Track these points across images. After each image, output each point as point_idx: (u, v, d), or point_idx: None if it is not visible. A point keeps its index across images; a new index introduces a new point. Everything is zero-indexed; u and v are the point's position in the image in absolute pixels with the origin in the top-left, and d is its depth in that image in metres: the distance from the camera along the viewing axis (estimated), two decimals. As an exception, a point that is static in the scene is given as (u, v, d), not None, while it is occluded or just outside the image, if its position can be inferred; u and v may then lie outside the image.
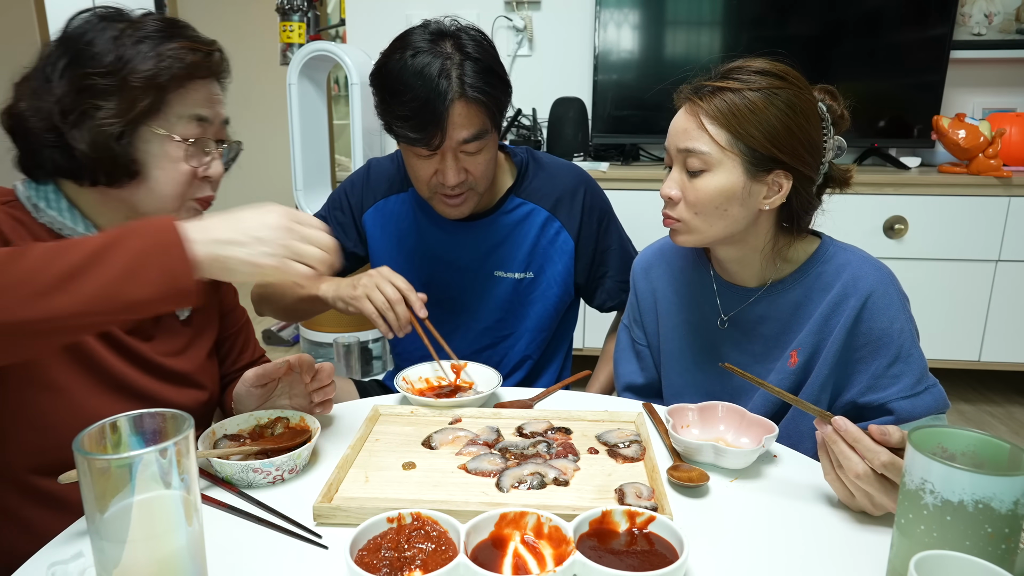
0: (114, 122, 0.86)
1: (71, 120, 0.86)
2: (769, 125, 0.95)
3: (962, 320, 2.60)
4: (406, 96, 1.12)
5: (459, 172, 1.18)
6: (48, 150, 0.88)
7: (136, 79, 0.86)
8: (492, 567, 0.62)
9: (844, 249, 1.04)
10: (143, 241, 0.69)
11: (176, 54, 0.89)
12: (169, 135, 0.91)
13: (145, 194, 0.92)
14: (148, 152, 0.90)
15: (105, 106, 0.86)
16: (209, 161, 0.96)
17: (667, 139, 1.03)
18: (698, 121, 0.97)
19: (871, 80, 2.78)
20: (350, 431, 0.98)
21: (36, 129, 0.87)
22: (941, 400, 0.97)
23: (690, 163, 0.98)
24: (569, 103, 2.79)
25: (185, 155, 0.92)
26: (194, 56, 0.91)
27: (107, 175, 0.89)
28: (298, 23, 3.05)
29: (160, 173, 0.91)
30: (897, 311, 0.98)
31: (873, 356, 0.98)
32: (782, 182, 0.98)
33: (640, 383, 1.22)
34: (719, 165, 0.97)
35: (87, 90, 0.86)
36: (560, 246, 1.35)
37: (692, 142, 0.97)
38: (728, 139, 0.95)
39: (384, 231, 1.38)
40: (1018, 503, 0.57)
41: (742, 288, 1.08)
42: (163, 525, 0.56)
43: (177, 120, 0.91)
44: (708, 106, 0.96)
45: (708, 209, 0.99)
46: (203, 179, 0.96)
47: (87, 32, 0.88)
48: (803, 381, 1.03)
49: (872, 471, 0.74)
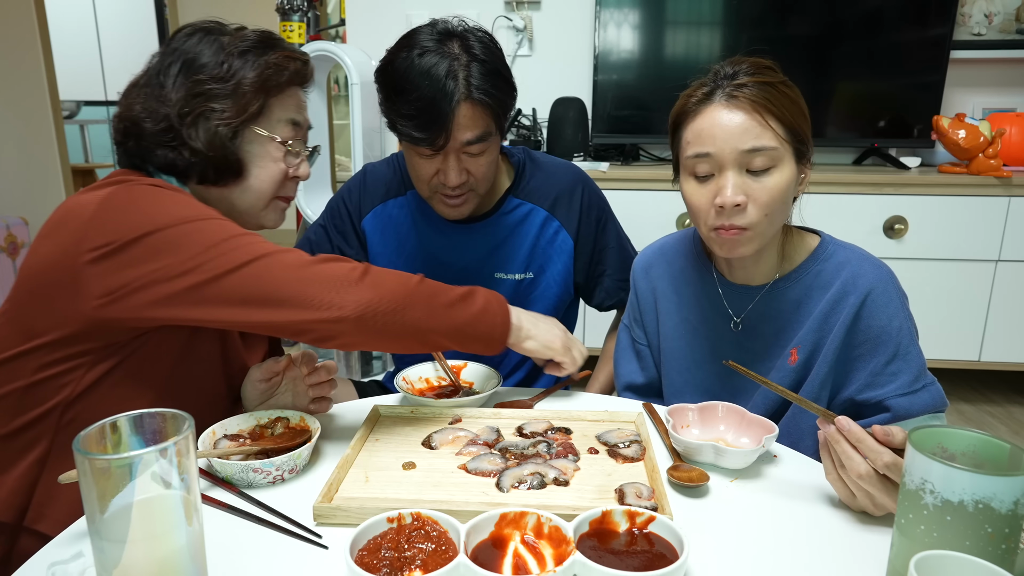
0: (228, 123, 0.96)
1: (188, 121, 0.95)
2: (803, 114, 0.97)
3: (962, 320, 2.60)
4: (412, 95, 1.11)
5: (461, 173, 1.18)
6: (163, 149, 0.95)
7: (247, 84, 0.96)
8: (492, 567, 0.62)
9: (843, 247, 1.05)
10: (491, 300, 1.00)
11: (279, 62, 0.99)
12: (271, 136, 1.01)
13: (243, 191, 1.01)
14: (251, 152, 1.00)
15: (219, 108, 0.95)
16: (299, 162, 1.06)
17: (706, 144, 0.95)
18: (756, 117, 0.93)
19: (871, 80, 2.78)
20: (350, 431, 0.98)
21: (153, 131, 0.95)
22: (939, 398, 0.97)
23: (755, 163, 0.93)
24: (569, 103, 2.79)
25: (283, 155, 1.03)
26: (294, 65, 1.02)
27: (216, 171, 0.98)
28: (298, 23, 3.04)
29: (260, 171, 1.01)
30: (896, 309, 0.98)
31: (872, 353, 0.98)
32: (807, 169, 0.99)
33: (640, 382, 1.22)
34: (783, 160, 0.95)
35: (203, 94, 0.95)
36: (559, 245, 1.35)
37: (757, 140, 0.93)
38: (784, 131, 0.94)
39: (384, 236, 1.38)
40: (1018, 503, 0.57)
41: (746, 287, 1.08)
42: (163, 525, 0.56)
43: (277, 123, 1.02)
44: (761, 99, 0.93)
45: (777, 207, 0.95)
46: (292, 179, 1.06)
47: (197, 43, 0.97)
48: (803, 379, 1.03)
49: (874, 471, 0.74)
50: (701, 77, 1.00)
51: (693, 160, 0.97)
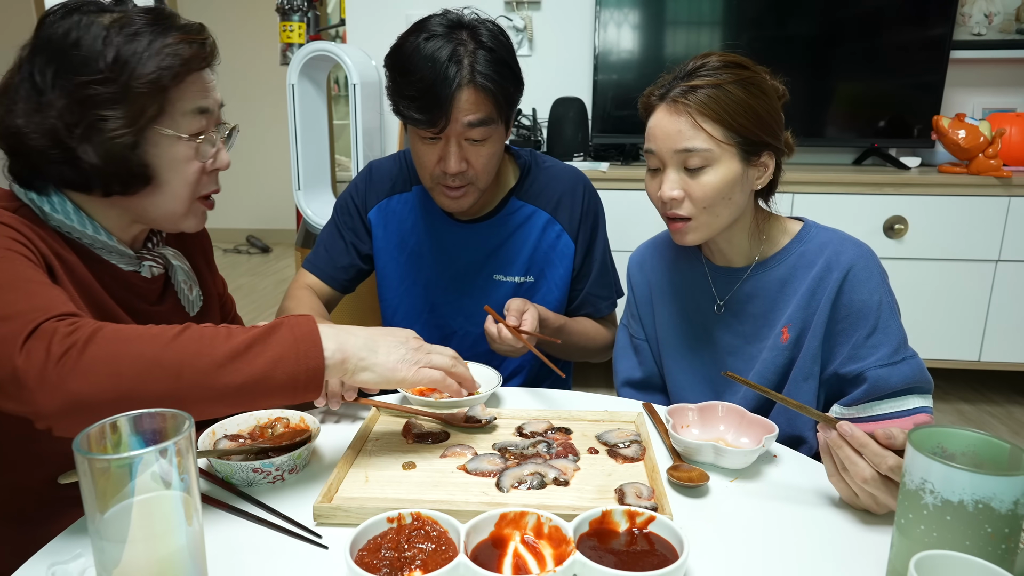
0: (125, 132, 0.82)
1: (78, 135, 0.82)
2: (753, 112, 0.99)
3: (962, 320, 2.60)
4: (415, 76, 1.12)
5: (461, 161, 1.18)
6: (55, 166, 0.84)
7: (141, 84, 0.82)
8: (492, 567, 0.62)
9: (826, 230, 1.09)
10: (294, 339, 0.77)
11: (174, 50, 0.84)
12: (178, 135, 0.88)
13: (156, 198, 0.90)
14: (159, 156, 0.88)
15: (111, 116, 0.81)
16: (216, 153, 0.94)
17: (651, 142, 1.03)
18: (691, 120, 0.99)
19: (871, 80, 2.78)
20: (350, 431, 0.98)
21: (40, 147, 0.82)
22: (918, 371, 0.99)
23: (690, 162, 1.00)
24: (569, 103, 2.79)
25: (195, 152, 0.90)
26: (191, 49, 0.86)
27: (122, 184, 0.87)
28: (298, 23, 3.05)
29: (172, 175, 0.89)
30: (876, 284, 1.02)
31: (853, 328, 1.01)
32: (768, 162, 1.03)
33: (638, 377, 1.24)
34: (719, 159, 0.99)
35: (89, 100, 0.81)
36: (561, 250, 1.35)
37: (689, 142, 0.99)
38: (723, 132, 0.98)
39: (387, 230, 1.38)
40: (1018, 503, 0.57)
41: (731, 269, 1.12)
42: (163, 525, 0.56)
43: (182, 117, 0.88)
44: (696, 104, 0.98)
45: (716, 201, 1.01)
46: (210, 173, 0.95)
47: (70, 31, 0.81)
48: (796, 356, 1.06)
49: (878, 474, 0.74)
50: (672, 70, 1.05)
51: (646, 154, 1.06)
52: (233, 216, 5.61)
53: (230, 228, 5.60)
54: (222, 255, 5.27)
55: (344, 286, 1.42)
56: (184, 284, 1.04)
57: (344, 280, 1.41)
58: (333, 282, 1.40)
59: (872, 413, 0.99)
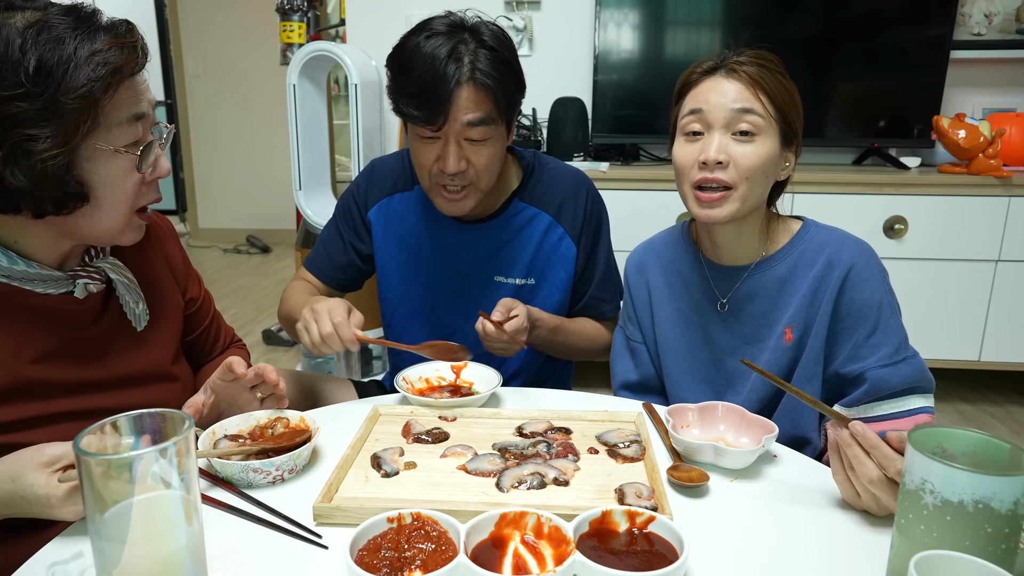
0: (58, 152, 0.74)
1: (2, 157, 0.73)
2: (793, 99, 1.02)
3: (962, 320, 2.60)
4: (415, 73, 1.12)
5: (460, 160, 1.17)
6: None
7: (71, 100, 0.73)
8: (492, 567, 0.62)
9: (825, 228, 1.09)
10: None
11: (104, 58, 0.75)
12: (114, 149, 0.80)
13: (92, 216, 0.83)
14: (94, 171, 0.80)
15: (39, 135, 0.73)
16: (155, 161, 0.87)
17: (700, 103, 1.01)
18: (749, 86, 0.99)
19: (871, 80, 2.78)
20: (350, 431, 0.98)
21: None
22: (919, 371, 0.99)
23: (742, 125, 0.99)
24: (569, 103, 2.79)
25: (133, 165, 0.83)
26: (122, 55, 0.77)
27: (56, 205, 0.78)
28: (298, 23, 3.05)
29: (109, 191, 0.82)
30: (877, 283, 1.02)
31: (854, 327, 1.01)
32: (791, 157, 1.04)
33: (635, 380, 1.24)
34: (765, 132, 1.00)
35: (11, 119, 0.72)
36: (563, 253, 1.34)
37: (748, 102, 0.99)
38: (773, 108, 1.00)
39: (387, 229, 1.38)
40: (1018, 503, 0.57)
41: (731, 268, 1.11)
42: (163, 525, 0.56)
43: (117, 128, 0.80)
44: (755, 74, 1.00)
45: (757, 175, 1.01)
46: (150, 183, 0.88)
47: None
48: (799, 357, 1.06)
49: (884, 477, 0.74)
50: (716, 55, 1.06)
51: (687, 118, 1.03)
52: (233, 216, 5.60)
53: (230, 228, 5.60)
54: (222, 255, 5.26)
55: (342, 285, 1.42)
56: (128, 298, 0.95)
57: (342, 279, 1.41)
58: (331, 281, 1.40)
59: (873, 413, 0.99)
